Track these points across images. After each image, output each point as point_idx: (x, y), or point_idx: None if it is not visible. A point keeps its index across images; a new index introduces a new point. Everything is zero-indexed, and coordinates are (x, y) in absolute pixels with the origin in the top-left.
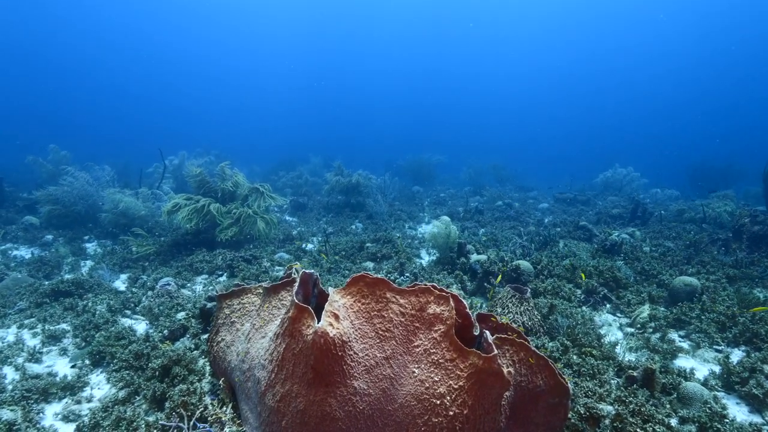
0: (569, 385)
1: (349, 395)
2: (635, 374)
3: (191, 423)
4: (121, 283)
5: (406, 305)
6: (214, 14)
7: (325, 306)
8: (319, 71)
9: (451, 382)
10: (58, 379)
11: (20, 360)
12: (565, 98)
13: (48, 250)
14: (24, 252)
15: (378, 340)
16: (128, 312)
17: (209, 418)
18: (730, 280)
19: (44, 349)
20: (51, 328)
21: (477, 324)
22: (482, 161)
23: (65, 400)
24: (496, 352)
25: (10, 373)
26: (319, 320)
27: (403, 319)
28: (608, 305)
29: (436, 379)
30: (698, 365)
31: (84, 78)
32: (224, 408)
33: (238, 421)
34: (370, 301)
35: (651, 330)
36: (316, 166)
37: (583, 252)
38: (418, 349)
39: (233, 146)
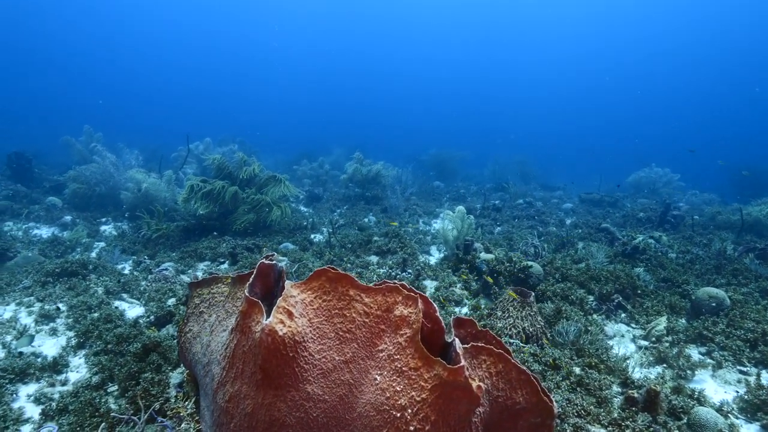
0: (554, 404)
1: (302, 400)
2: (636, 395)
3: (146, 415)
4: (127, 266)
5: (372, 305)
6: (252, 8)
7: (278, 301)
8: (350, 63)
9: (413, 393)
10: (39, 360)
11: (8, 338)
12: (603, 92)
13: (65, 231)
14: (44, 231)
15: (338, 342)
16: (125, 295)
17: (168, 412)
18: (764, 294)
19: (36, 328)
20: (46, 307)
21: (453, 329)
22: (508, 157)
23: (41, 382)
24: (463, 363)
25: None
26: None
27: (367, 320)
28: (623, 314)
29: (398, 389)
30: (718, 387)
31: (126, 68)
32: (187, 402)
33: (197, 418)
34: (332, 298)
35: (667, 344)
36: (338, 157)
37: (601, 255)
38: (382, 354)
39: (259, 136)
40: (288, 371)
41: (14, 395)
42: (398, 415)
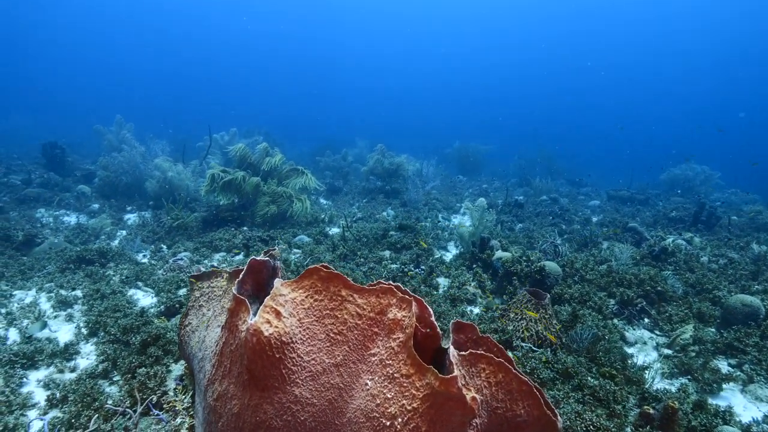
0: (558, 418)
1: (289, 403)
2: (652, 411)
3: (141, 407)
4: (146, 254)
5: (365, 306)
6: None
7: (266, 300)
8: (380, 55)
9: (404, 401)
10: (50, 345)
11: (26, 322)
12: (638, 81)
13: (93, 218)
14: (73, 218)
15: (328, 344)
16: (140, 284)
17: (165, 405)
18: None
19: (54, 314)
20: (64, 293)
21: (452, 334)
22: (535, 152)
23: (51, 368)
24: (456, 373)
25: (14, 336)
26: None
27: (359, 322)
28: (646, 319)
29: (389, 396)
30: (748, 403)
31: (159, 60)
32: (185, 396)
33: (191, 412)
34: (324, 297)
35: (693, 354)
36: (362, 149)
37: (625, 256)
38: (374, 358)
39: (285, 127)
40: (275, 373)
41: (24, 379)
42: (388, 423)
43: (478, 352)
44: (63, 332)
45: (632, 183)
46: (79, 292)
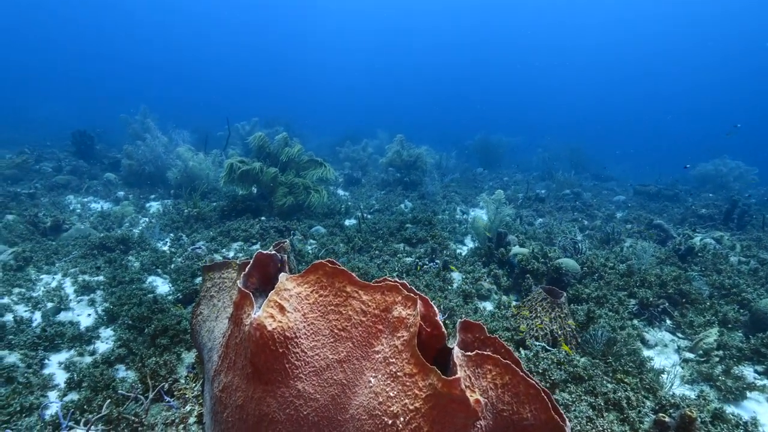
0: (566, 423)
1: (292, 397)
2: (667, 420)
3: (153, 393)
4: (167, 242)
5: (370, 303)
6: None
7: (270, 294)
8: (403, 48)
9: (407, 401)
10: (71, 329)
11: (50, 305)
12: (669, 70)
13: (117, 206)
14: (100, 205)
15: (332, 340)
16: (159, 271)
17: (176, 392)
18: None
19: (77, 298)
20: (87, 279)
21: (458, 334)
22: (559, 144)
23: (72, 351)
24: (459, 375)
25: (39, 318)
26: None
27: (364, 319)
28: (668, 321)
29: (392, 394)
30: None
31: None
32: (195, 384)
33: (200, 401)
34: (329, 293)
35: (716, 359)
36: (382, 141)
37: (648, 255)
38: (378, 356)
39: (306, 117)
40: (278, 367)
41: (46, 360)
42: (390, 422)
43: (485, 353)
44: (85, 316)
45: (661, 178)
46: (101, 278)
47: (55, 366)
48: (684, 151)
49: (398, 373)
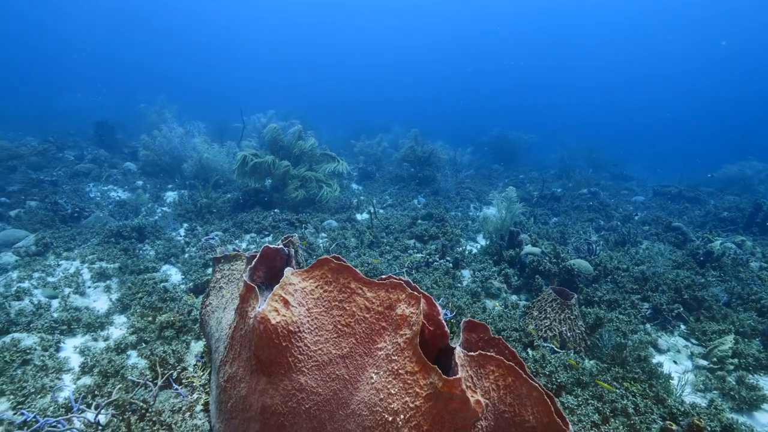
0: (569, 427)
1: (294, 390)
2: (675, 428)
3: (162, 381)
4: (182, 232)
5: (373, 300)
6: None
7: (275, 288)
8: (422, 42)
9: (407, 398)
10: (86, 315)
11: (67, 291)
12: (695, 69)
13: (134, 195)
14: (119, 194)
15: (335, 335)
16: (172, 260)
17: (184, 381)
18: None
19: (93, 285)
20: (104, 265)
21: (463, 333)
22: (578, 142)
23: (87, 336)
24: (460, 375)
25: (56, 303)
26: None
27: (367, 315)
28: (683, 326)
29: (393, 391)
30: None
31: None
32: (203, 373)
33: (207, 390)
34: (333, 289)
35: (731, 368)
36: (397, 135)
37: (663, 258)
38: (380, 353)
39: (324, 111)
40: (281, 360)
41: (61, 344)
42: (390, 418)
43: (488, 353)
44: (100, 303)
45: (683, 179)
46: (117, 265)
47: (71, 350)
48: (710, 152)
49: (400, 371)
